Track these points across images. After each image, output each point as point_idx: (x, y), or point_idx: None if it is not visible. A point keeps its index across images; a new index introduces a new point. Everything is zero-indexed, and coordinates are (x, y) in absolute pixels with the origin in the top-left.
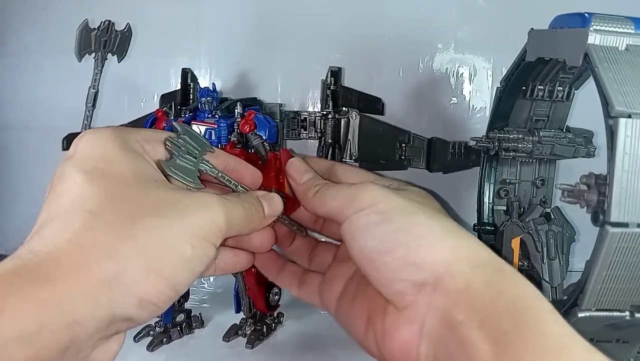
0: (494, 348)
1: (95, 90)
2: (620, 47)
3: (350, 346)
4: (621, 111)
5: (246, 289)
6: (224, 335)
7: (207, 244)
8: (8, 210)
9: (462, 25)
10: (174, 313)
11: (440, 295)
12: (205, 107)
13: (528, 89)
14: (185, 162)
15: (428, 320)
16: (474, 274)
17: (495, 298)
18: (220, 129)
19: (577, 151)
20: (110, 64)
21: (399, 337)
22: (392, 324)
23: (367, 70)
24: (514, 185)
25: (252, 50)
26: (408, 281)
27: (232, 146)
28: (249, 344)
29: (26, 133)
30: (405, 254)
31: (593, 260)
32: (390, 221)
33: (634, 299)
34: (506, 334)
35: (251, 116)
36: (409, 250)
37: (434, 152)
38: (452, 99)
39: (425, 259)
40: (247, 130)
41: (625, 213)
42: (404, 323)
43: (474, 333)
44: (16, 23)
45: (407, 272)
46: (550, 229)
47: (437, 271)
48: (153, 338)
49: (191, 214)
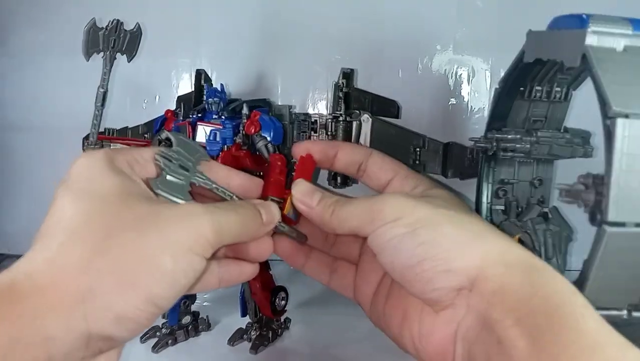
0: (530, 345)
1: (104, 89)
2: (618, 48)
3: (357, 352)
4: (619, 111)
5: (252, 294)
6: (229, 339)
7: (192, 255)
8: (10, 210)
9: (461, 26)
10: (180, 314)
11: (477, 296)
12: (212, 108)
13: (526, 90)
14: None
15: (465, 321)
16: (507, 274)
17: (529, 296)
18: (225, 130)
19: (575, 151)
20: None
21: (436, 338)
22: (429, 325)
23: (366, 71)
24: (512, 185)
25: (253, 52)
26: (443, 288)
27: (237, 148)
28: (253, 349)
29: (28, 133)
30: (434, 266)
31: (590, 259)
32: (417, 235)
33: (631, 298)
34: (542, 331)
35: (256, 117)
36: (438, 263)
37: (451, 157)
38: (450, 100)
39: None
40: (252, 131)
41: (623, 213)
42: (440, 325)
43: (511, 330)
44: (19, 23)
45: (441, 280)
46: (547, 228)
47: (470, 276)
48: (158, 339)
49: (172, 226)
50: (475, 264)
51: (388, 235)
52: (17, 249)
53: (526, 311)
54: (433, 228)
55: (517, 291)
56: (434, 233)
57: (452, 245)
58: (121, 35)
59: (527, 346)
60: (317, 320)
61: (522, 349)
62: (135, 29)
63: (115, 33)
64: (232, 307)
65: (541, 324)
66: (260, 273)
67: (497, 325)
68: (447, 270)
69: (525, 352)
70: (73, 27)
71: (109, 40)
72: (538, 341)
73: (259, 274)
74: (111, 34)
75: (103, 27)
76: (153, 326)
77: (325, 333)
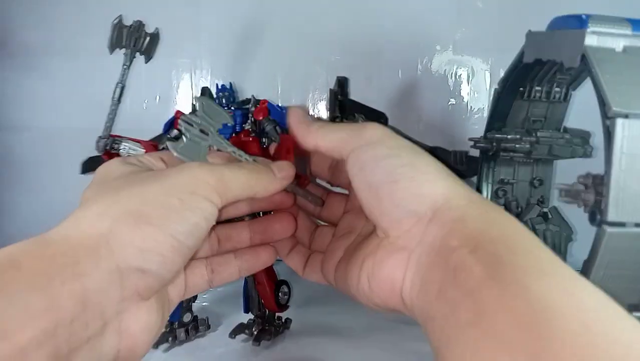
0: (487, 269)
1: (123, 85)
2: (617, 48)
3: (357, 352)
4: (618, 112)
5: (256, 284)
6: (231, 332)
7: (197, 197)
8: (9, 210)
9: (461, 27)
10: (182, 310)
11: (436, 226)
12: (223, 100)
13: (526, 90)
14: (195, 141)
15: (418, 249)
16: (470, 207)
17: (489, 226)
18: (235, 117)
19: (575, 151)
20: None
21: (386, 266)
22: (382, 255)
23: (366, 71)
24: (512, 185)
25: (253, 52)
26: (408, 210)
27: (246, 134)
28: (256, 341)
29: (29, 133)
30: (410, 186)
31: (590, 260)
32: (399, 156)
33: (631, 298)
34: (500, 256)
35: (264, 104)
36: (414, 183)
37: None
38: (450, 100)
39: (427, 191)
40: (261, 116)
41: (622, 213)
42: (393, 252)
43: (468, 256)
44: (19, 23)
45: (409, 202)
46: (547, 228)
47: (436, 204)
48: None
49: (171, 177)
50: (444, 194)
51: (371, 153)
52: None
53: (485, 239)
54: (415, 154)
55: (478, 221)
56: (416, 158)
57: (431, 171)
58: (142, 36)
59: (483, 271)
60: (317, 320)
61: (477, 274)
62: (155, 32)
63: (137, 33)
64: (231, 308)
65: (500, 251)
66: None
67: (454, 252)
68: (418, 194)
69: (481, 277)
70: (73, 27)
71: (132, 39)
72: (495, 265)
73: None
74: (134, 33)
75: (128, 25)
76: None
77: (326, 333)
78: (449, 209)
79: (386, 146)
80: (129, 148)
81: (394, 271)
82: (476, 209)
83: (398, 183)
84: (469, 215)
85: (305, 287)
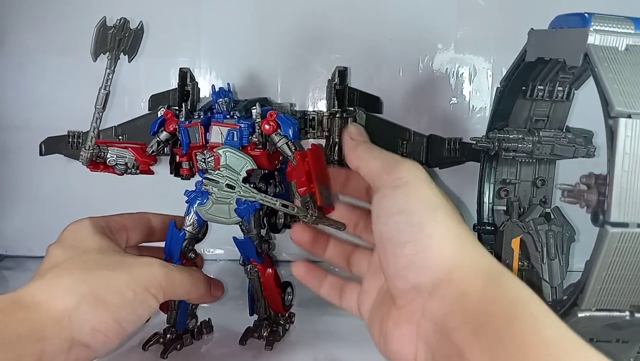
0: (489, 354)
1: (107, 91)
2: (620, 47)
3: (357, 352)
4: (621, 111)
5: (263, 291)
6: (241, 338)
7: (148, 294)
8: (8, 211)
9: (462, 25)
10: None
11: (436, 302)
12: (223, 107)
13: (528, 89)
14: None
15: (423, 323)
16: (474, 280)
17: (491, 303)
18: (242, 130)
19: (577, 151)
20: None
21: (396, 336)
22: (392, 326)
23: (367, 70)
24: (514, 185)
25: (252, 50)
26: (409, 283)
27: (252, 147)
28: (269, 346)
29: (26, 133)
30: (414, 253)
31: (593, 260)
32: (412, 213)
33: (633, 299)
34: (501, 340)
35: (273, 117)
36: (418, 249)
37: (432, 148)
38: (452, 99)
39: (429, 262)
40: (270, 131)
41: (625, 213)
42: (400, 323)
43: (469, 339)
44: (16, 23)
45: (410, 273)
46: (550, 229)
47: (437, 277)
48: (166, 345)
49: (135, 269)
50: (448, 264)
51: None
52: (15, 250)
53: (486, 320)
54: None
55: (479, 298)
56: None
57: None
58: (126, 34)
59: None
60: (317, 320)
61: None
62: (138, 27)
63: (121, 32)
64: (231, 309)
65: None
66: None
67: (455, 333)
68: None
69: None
70: (72, 26)
71: (116, 40)
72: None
73: (272, 272)
74: (118, 33)
75: (112, 26)
76: (155, 332)
77: (330, 327)
78: (449, 284)
79: (406, 194)
80: (116, 157)
81: (404, 347)
82: (480, 282)
83: (404, 246)
84: (470, 292)
85: (305, 287)
